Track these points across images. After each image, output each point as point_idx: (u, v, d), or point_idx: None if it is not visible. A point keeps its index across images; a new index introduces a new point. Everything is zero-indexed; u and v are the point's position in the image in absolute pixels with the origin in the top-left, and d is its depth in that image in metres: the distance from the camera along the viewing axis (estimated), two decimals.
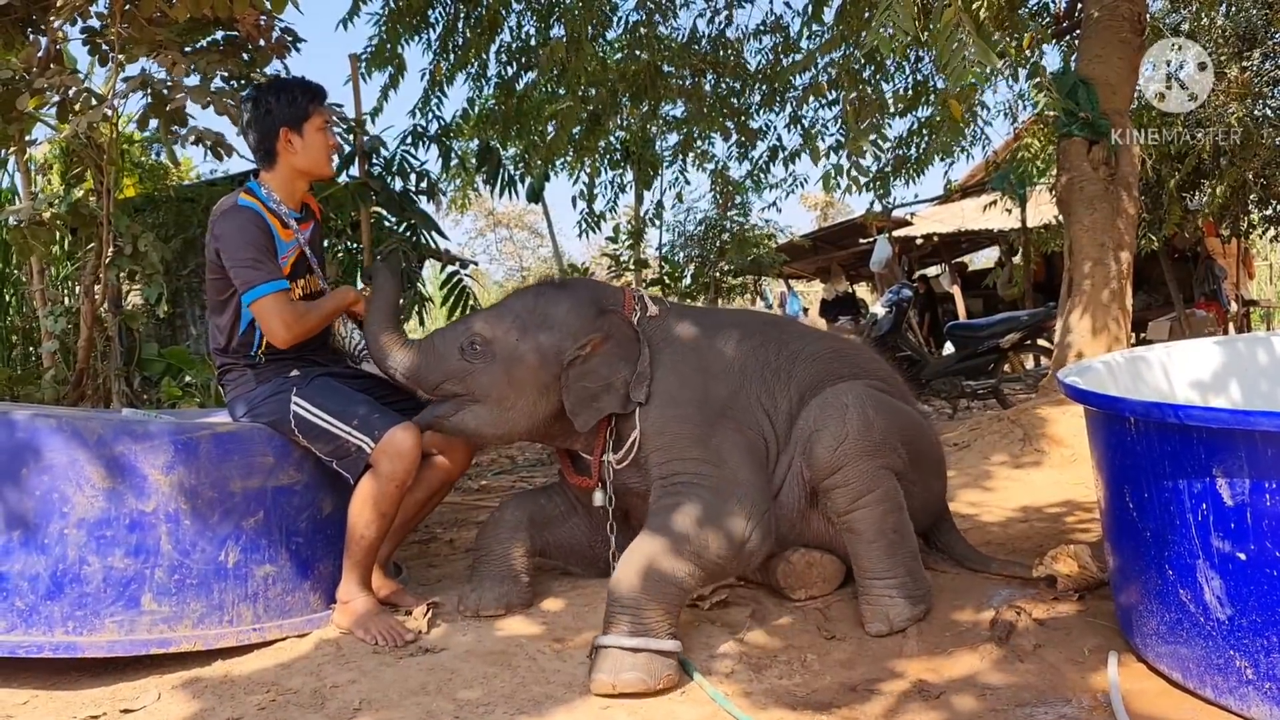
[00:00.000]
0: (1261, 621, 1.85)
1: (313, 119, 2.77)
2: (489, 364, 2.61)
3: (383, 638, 2.49)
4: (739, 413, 2.62)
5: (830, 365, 2.77)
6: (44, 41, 4.19)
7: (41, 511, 2.34)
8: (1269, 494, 1.80)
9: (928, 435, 2.89)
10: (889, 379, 2.90)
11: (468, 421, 2.64)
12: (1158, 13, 7.55)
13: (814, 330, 2.98)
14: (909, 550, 2.58)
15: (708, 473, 2.49)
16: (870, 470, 2.54)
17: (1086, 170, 4.57)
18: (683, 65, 6.87)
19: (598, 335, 2.61)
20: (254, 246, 2.63)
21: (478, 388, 2.62)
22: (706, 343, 2.72)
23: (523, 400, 2.63)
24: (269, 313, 2.62)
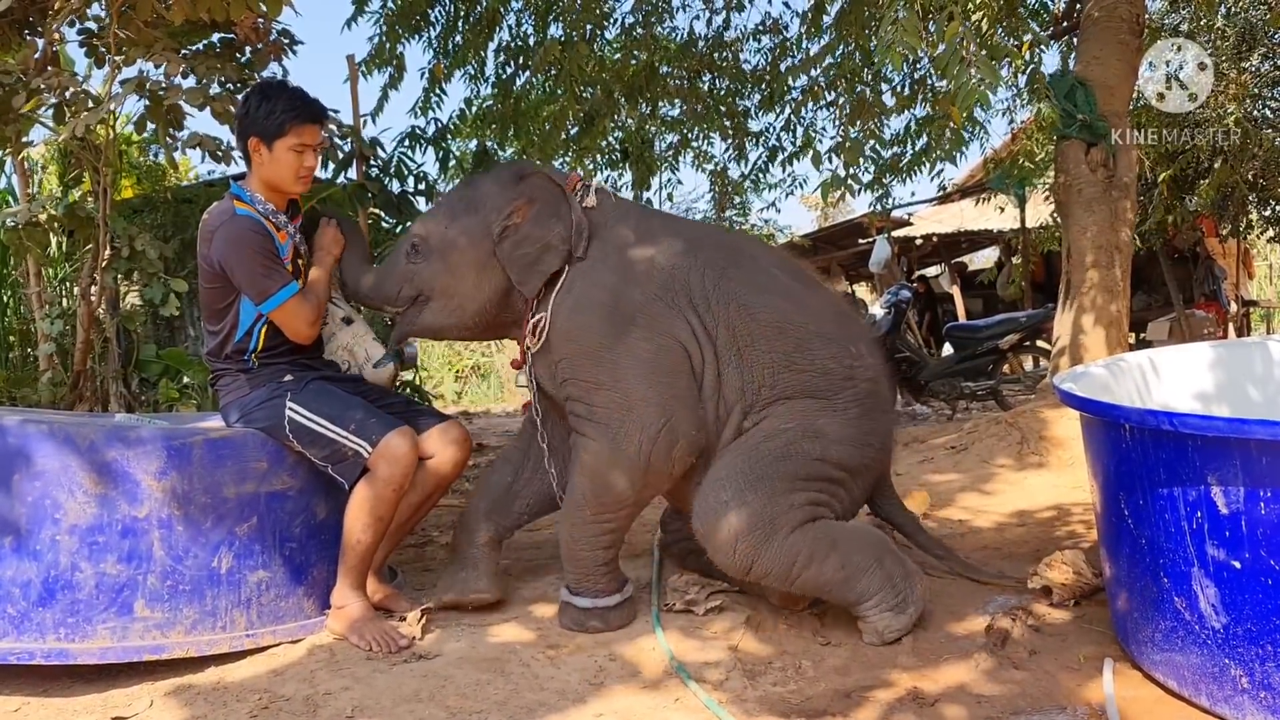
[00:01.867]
0: (1256, 630, 1.85)
1: (287, 137, 2.69)
2: (428, 259, 2.71)
3: (377, 644, 2.49)
4: (652, 319, 2.52)
5: (771, 324, 2.56)
6: (41, 43, 4.19)
7: (33, 518, 2.34)
8: (1264, 502, 1.79)
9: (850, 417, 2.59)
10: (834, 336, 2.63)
11: (428, 319, 2.76)
12: (1156, 13, 7.54)
13: (772, 279, 2.67)
14: (871, 566, 2.44)
15: (600, 401, 2.52)
16: (778, 551, 2.39)
17: (1084, 172, 4.56)
18: (680, 66, 6.85)
19: (521, 200, 2.64)
20: (262, 255, 2.63)
21: (425, 285, 2.73)
22: (639, 248, 2.64)
23: (465, 284, 2.70)
24: (291, 316, 2.66)
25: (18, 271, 5.60)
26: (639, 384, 2.49)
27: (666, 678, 2.32)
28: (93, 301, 4.52)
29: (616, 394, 2.50)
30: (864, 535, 2.55)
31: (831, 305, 2.76)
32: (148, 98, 3.97)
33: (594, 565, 2.58)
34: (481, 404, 12.07)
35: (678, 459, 2.52)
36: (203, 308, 2.78)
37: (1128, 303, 4.67)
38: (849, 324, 2.76)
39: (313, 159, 2.77)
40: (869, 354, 2.69)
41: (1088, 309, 4.50)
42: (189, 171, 7.52)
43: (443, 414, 2.97)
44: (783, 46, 6.93)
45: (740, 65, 6.95)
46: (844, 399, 2.57)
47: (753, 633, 2.55)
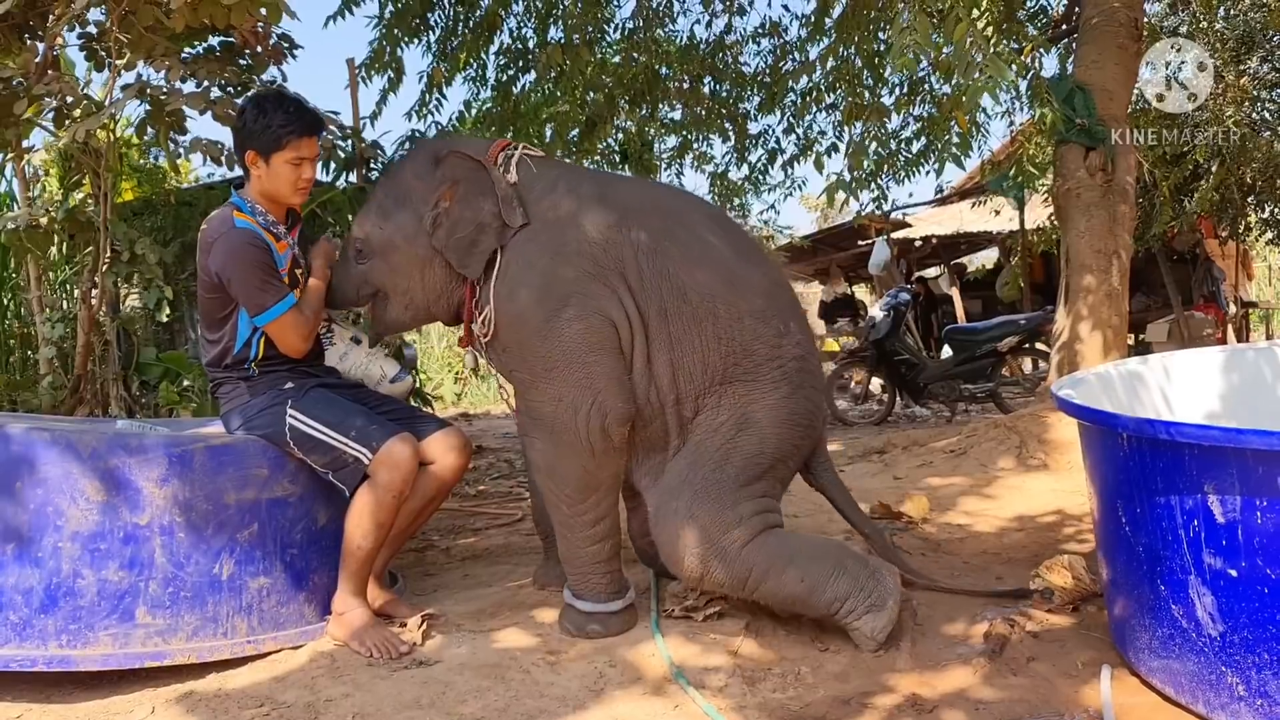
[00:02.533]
0: (1253, 638, 1.85)
1: (284, 151, 2.68)
2: (373, 260, 2.75)
3: (378, 650, 2.50)
4: (585, 297, 2.49)
5: (702, 306, 2.51)
6: (41, 47, 4.19)
7: (35, 525, 2.35)
8: (1260, 511, 1.80)
9: (780, 397, 2.55)
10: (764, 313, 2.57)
11: (393, 316, 2.82)
12: (1155, 16, 7.55)
13: (708, 250, 2.60)
14: (833, 572, 2.43)
15: (536, 396, 2.54)
16: (731, 566, 2.43)
17: (1083, 177, 4.57)
18: (681, 69, 6.87)
19: (445, 186, 2.62)
20: (260, 269, 2.63)
21: (378, 284, 2.78)
22: (571, 219, 2.58)
23: (411, 281, 2.73)
24: (286, 330, 2.67)
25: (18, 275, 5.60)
26: (570, 369, 2.48)
27: (666, 684, 2.32)
28: (93, 305, 4.53)
29: (550, 385, 2.51)
30: (820, 545, 2.60)
31: (765, 278, 2.67)
32: (149, 102, 3.98)
33: (590, 564, 2.59)
34: (481, 405, 12.07)
35: (612, 432, 2.52)
36: (202, 316, 2.78)
37: (1126, 306, 4.68)
38: (781, 297, 2.67)
39: (311, 170, 2.76)
40: (799, 330, 2.64)
41: (1086, 313, 4.51)
42: (189, 174, 7.52)
43: (443, 420, 2.97)
44: (783, 49, 6.95)
45: (741, 68, 6.96)
46: (771, 379, 2.54)
47: (752, 639, 2.56)
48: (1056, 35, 6.03)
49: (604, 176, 2.89)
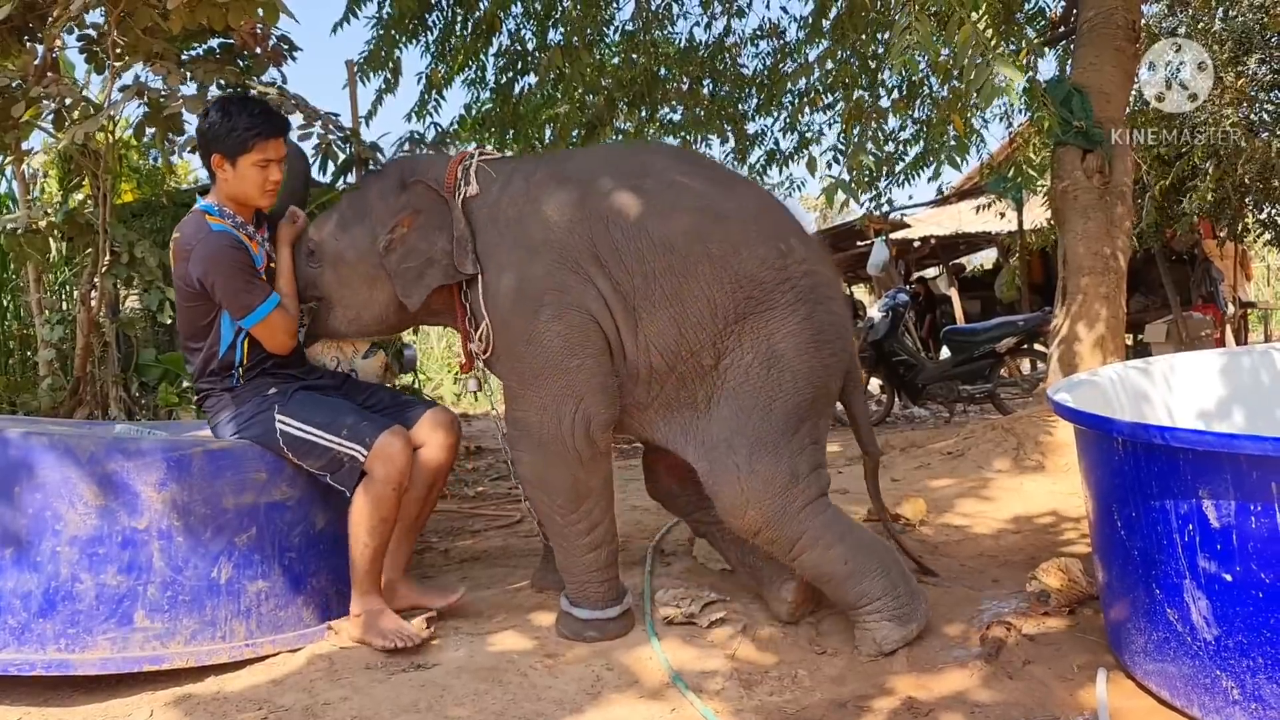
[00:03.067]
0: (1247, 642, 1.86)
1: (251, 154, 2.66)
2: (322, 267, 2.74)
3: (398, 640, 2.50)
4: (560, 293, 2.45)
5: (690, 252, 2.43)
6: (40, 49, 4.19)
7: (34, 529, 2.36)
8: (1254, 516, 1.81)
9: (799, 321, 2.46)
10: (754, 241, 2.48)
11: (332, 324, 2.80)
12: (1153, 17, 7.55)
13: (682, 193, 2.52)
14: (876, 570, 2.45)
15: (522, 406, 2.54)
16: (787, 524, 2.43)
17: (1080, 178, 4.57)
18: (681, 71, 6.87)
19: (406, 213, 2.61)
20: (243, 270, 2.64)
21: (323, 291, 2.77)
22: (531, 208, 2.54)
23: (356, 296, 2.73)
24: (274, 328, 2.67)
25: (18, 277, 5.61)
26: (553, 377, 2.47)
27: (663, 687, 2.33)
28: (92, 307, 4.53)
29: (534, 394, 2.51)
30: (871, 539, 2.55)
31: (750, 201, 2.58)
32: (147, 104, 3.98)
33: (587, 572, 2.59)
34: (482, 406, 12.07)
35: (597, 438, 2.52)
36: (182, 328, 2.77)
37: (1124, 307, 4.69)
38: (772, 217, 2.58)
39: (278, 173, 2.74)
40: (800, 244, 2.55)
41: (1084, 315, 4.51)
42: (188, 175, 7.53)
43: (429, 401, 2.96)
44: (782, 50, 6.95)
45: (740, 70, 6.97)
46: (787, 303, 2.46)
47: (750, 642, 2.56)
48: (1054, 37, 6.04)
49: (557, 156, 2.82)
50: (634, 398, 2.56)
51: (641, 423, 2.62)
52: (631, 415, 2.60)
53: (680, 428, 2.55)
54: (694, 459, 2.52)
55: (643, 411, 2.58)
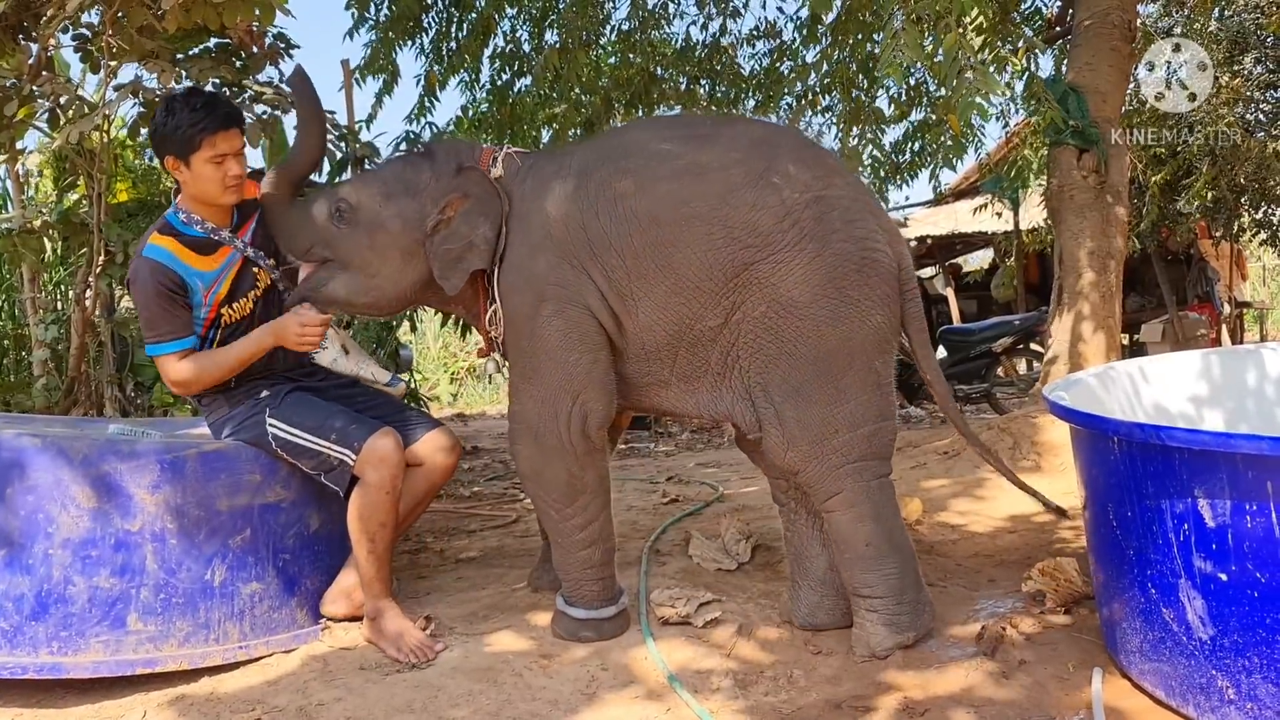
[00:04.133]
0: (1243, 642, 1.86)
1: (201, 150, 2.56)
2: (354, 229, 2.62)
3: (415, 655, 2.49)
4: (561, 288, 2.45)
5: (679, 219, 2.37)
6: (35, 48, 4.18)
7: (26, 531, 2.35)
8: (1250, 516, 1.81)
9: (809, 257, 2.36)
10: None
11: (337, 290, 2.66)
12: (1149, 17, 7.56)
13: (663, 160, 2.46)
14: (892, 568, 2.43)
15: (522, 397, 2.55)
16: (825, 472, 2.41)
17: (1077, 178, 4.57)
18: (678, 71, 6.87)
19: (456, 195, 2.58)
20: (154, 303, 2.56)
21: (343, 253, 2.64)
22: (537, 204, 2.54)
23: (387, 267, 2.63)
24: (166, 369, 2.62)
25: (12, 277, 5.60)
26: (552, 371, 2.47)
27: (659, 688, 2.33)
28: (87, 306, 4.52)
29: (534, 388, 2.51)
30: (904, 541, 2.50)
31: (736, 141, 2.48)
32: (142, 104, 3.98)
33: (582, 569, 2.58)
34: (477, 406, 12.06)
35: (593, 434, 2.52)
36: None
37: (1120, 307, 4.69)
38: (762, 149, 2.45)
39: (237, 166, 2.63)
40: (799, 170, 2.40)
41: (1080, 315, 4.51)
42: None
43: (433, 419, 2.97)
44: (780, 50, 6.95)
45: (738, 70, 6.97)
46: (791, 243, 2.35)
47: (745, 642, 2.56)
48: (1050, 37, 6.04)
49: (564, 150, 2.77)
50: (654, 376, 2.54)
51: (672, 399, 2.59)
52: (659, 395, 2.59)
53: (709, 393, 2.52)
54: (735, 415, 2.52)
55: (667, 388, 2.57)
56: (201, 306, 2.65)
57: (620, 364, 2.55)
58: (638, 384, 2.58)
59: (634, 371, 2.56)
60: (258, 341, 2.65)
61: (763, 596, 2.89)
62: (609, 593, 2.62)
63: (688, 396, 2.56)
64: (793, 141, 2.56)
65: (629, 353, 2.52)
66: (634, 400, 2.64)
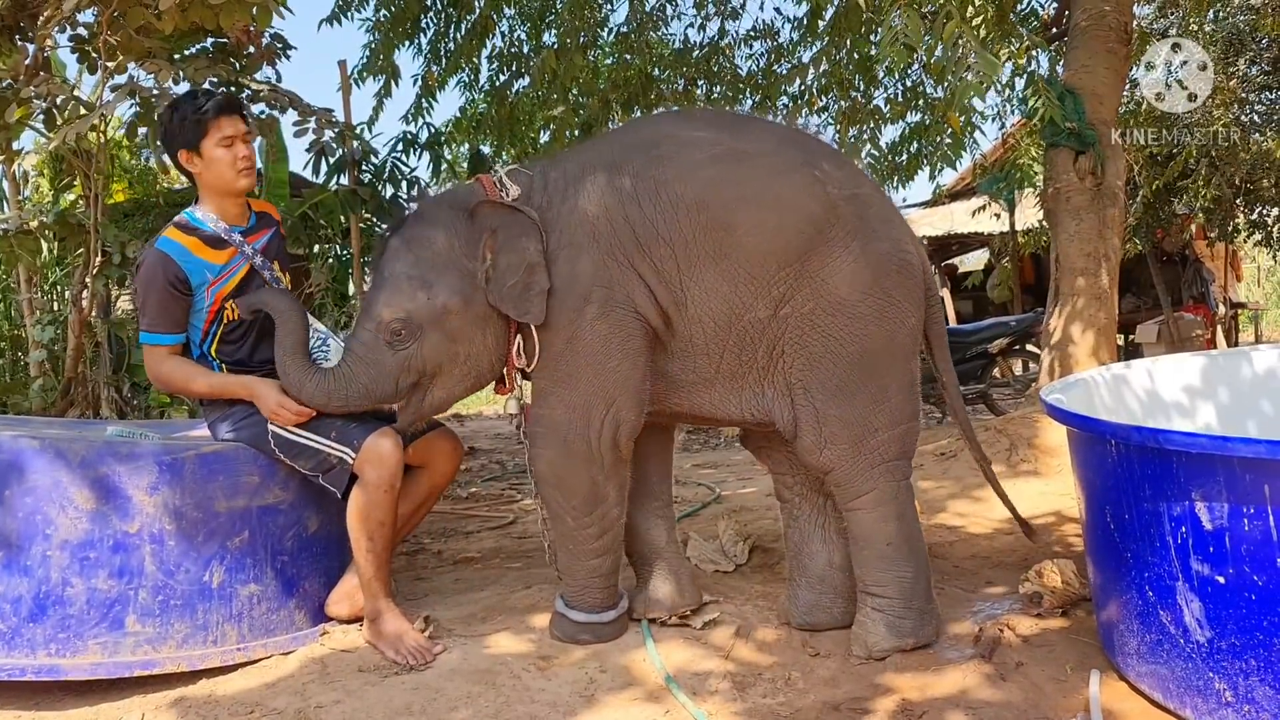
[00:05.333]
0: (1240, 645, 1.87)
1: (209, 136, 2.64)
2: (422, 338, 2.47)
3: (413, 657, 2.49)
4: (607, 288, 2.39)
5: (727, 200, 2.36)
6: (31, 49, 4.18)
7: (24, 533, 2.34)
8: (1247, 519, 1.81)
9: (855, 254, 2.39)
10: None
11: (439, 398, 2.56)
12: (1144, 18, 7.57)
13: (701, 149, 2.44)
14: (907, 573, 2.44)
15: (554, 403, 2.46)
16: (859, 472, 2.43)
17: (1073, 181, 4.58)
18: (675, 72, 6.88)
19: (485, 237, 2.45)
20: (155, 293, 2.62)
21: (429, 365, 2.50)
22: (569, 205, 2.46)
23: (472, 346, 2.51)
24: (151, 360, 2.69)
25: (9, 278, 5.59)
26: (589, 377, 2.41)
27: (657, 689, 2.33)
28: (84, 307, 4.52)
29: (567, 393, 2.44)
30: (922, 548, 2.53)
31: (770, 134, 2.51)
32: (140, 104, 3.97)
33: (590, 576, 2.56)
34: (474, 406, 12.05)
35: (622, 445, 2.48)
36: None
37: (1115, 308, 4.70)
38: (797, 145, 2.49)
39: (245, 149, 2.69)
40: (834, 167, 2.45)
41: (1076, 317, 4.52)
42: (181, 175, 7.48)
43: (434, 421, 2.97)
44: (777, 51, 6.96)
45: (735, 71, 6.98)
46: (838, 238, 2.37)
47: (743, 643, 2.56)
48: (1047, 39, 6.05)
49: (580, 149, 2.69)
50: (699, 374, 2.49)
51: (716, 399, 2.52)
52: (702, 395, 2.52)
53: (753, 391, 2.49)
54: (775, 414, 2.48)
55: (711, 387, 2.51)
56: (205, 300, 2.68)
57: (665, 362, 2.49)
58: (681, 382, 2.52)
59: (678, 369, 2.49)
60: (236, 384, 2.67)
61: (760, 598, 2.89)
62: (612, 599, 2.61)
63: (731, 396, 2.51)
64: (817, 141, 2.58)
65: (675, 348, 2.47)
66: (674, 403, 2.56)
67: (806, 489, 2.70)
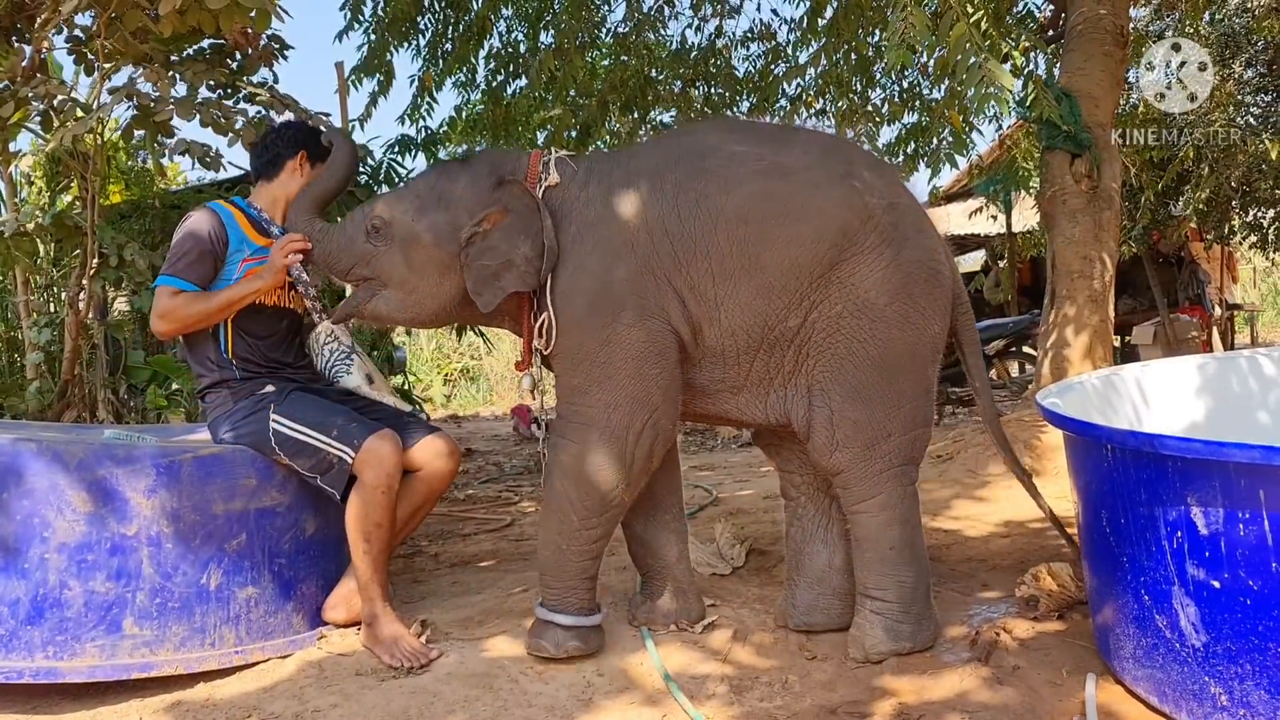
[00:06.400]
0: (1235, 649, 1.87)
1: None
2: (389, 246, 2.57)
3: (408, 660, 2.49)
4: (642, 296, 2.39)
5: (769, 214, 2.38)
6: (28, 50, 4.17)
7: (22, 536, 2.34)
8: (1242, 524, 1.82)
9: (886, 262, 2.41)
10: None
11: (379, 307, 2.62)
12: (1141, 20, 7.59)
13: (744, 160, 2.45)
14: (908, 577, 2.45)
15: (588, 401, 2.43)
16: (868, 476, 2.44)
17: (1069, 183, 4.60)
18: (673, 73, 6.88)
19: (495, 209, 2.48)
20: (190, 243, 2.70)
21: (382, 271, 2.59)
22: (610, 210, 2.46)
23: (424, 282, 2.57)
24: (160, 301, 2.69)
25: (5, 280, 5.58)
26: (629, 380, 2.39)
27: (654, 693, 2.34)
28: (81, 309, 4.51)
29: (606, 393, 2.41)
30: (923, 553, 2.53)
31: (814, 146, 2.52)
32: (137, 107, 3.97)
33: (580, 578, 2.52)
34: (470, 408, 12.06)
35: (656, 454, 2.47)
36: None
37: (1112, 310, 4.72)
38: (838, 155, 2.52)
39: None
40: (873, 176, 2.47)
41: (1072, 319, 4.54)
42: (178, 176, 7.49)
43: (431, 425, 2.98)
44: (774, 52, 6.97)
45: (733, 71, 6.99)
46: (873, 246, 2.39)
47: (741, 647, 2.57)
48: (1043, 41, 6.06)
49: (628, 152, 2.71)
50: (728, 382, 2.50)
51: (742, 404, 2.54)
52: (729, 401, 2.53)
53: (778, 394, 2.50)
54: (794, 415, 2.49)
55: (738, 394, 2.52)
56: (236, 270, 2.76)
57: (693, 372, 2.49)
58: (708, 391, 2.53)
59: (707, 379, 2.50)
60: (244, 284, 2.73)
61: (757, 601, 2.90)
62: (594, 601, 2.57)
63: (757, 400, 2.52)
64: (860, 151, 2.62)
65: (705, 361, 2.47)
66: (699, 408, 2.58)
67: (813, 489, 2.71)
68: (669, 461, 2.79)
